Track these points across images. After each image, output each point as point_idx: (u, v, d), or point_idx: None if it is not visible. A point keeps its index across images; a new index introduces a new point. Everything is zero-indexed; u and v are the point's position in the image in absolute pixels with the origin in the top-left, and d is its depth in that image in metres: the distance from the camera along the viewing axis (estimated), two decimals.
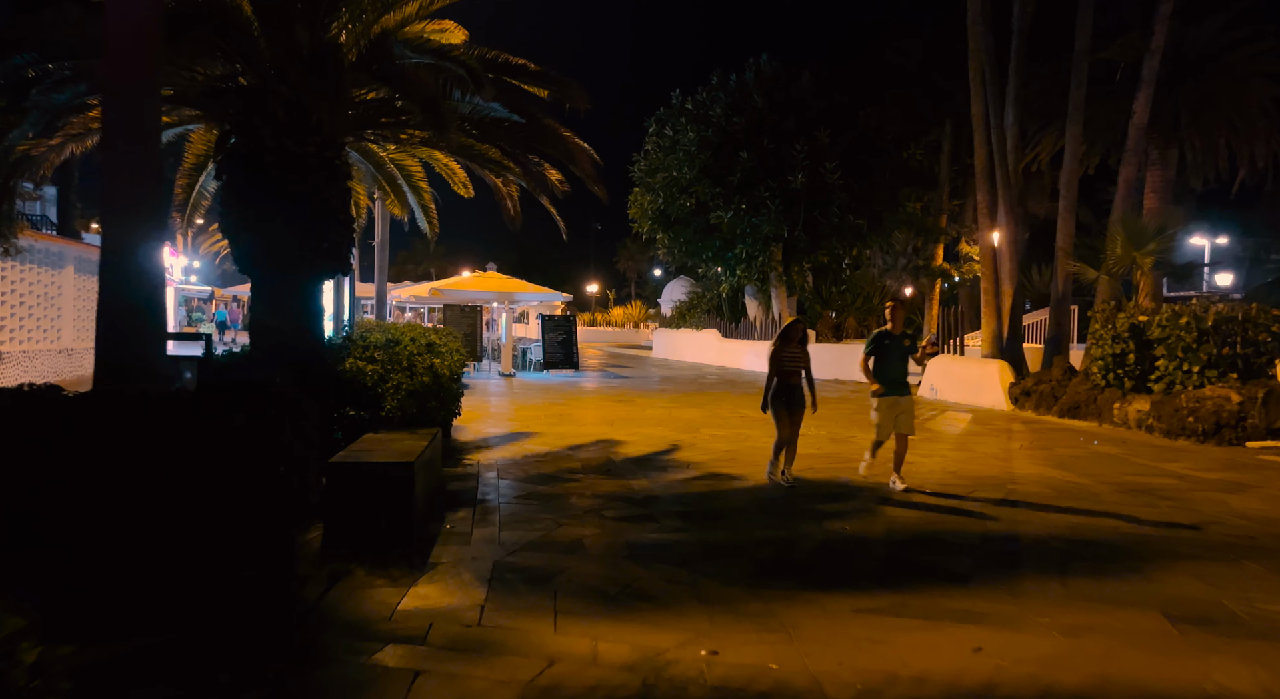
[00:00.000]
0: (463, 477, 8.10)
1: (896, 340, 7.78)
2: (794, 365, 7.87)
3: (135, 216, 4.95)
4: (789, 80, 25.29)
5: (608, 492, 7.52)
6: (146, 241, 5.07)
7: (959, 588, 4.86)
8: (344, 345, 9.38)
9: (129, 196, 4.95)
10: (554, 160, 9.83)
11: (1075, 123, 16.63)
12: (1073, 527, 6.37)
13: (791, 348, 7.88)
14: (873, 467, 8.00)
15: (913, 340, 7.94)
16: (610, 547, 5.63)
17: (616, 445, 10.25)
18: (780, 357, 7.86)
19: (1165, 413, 11.49)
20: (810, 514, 6.76)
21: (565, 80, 9.09)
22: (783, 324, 9.53)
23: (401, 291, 28.04)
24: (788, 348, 7.88)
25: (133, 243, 4.95)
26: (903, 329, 7.92)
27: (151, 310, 5.16)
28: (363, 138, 9.72)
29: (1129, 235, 13.82)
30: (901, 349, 7.79)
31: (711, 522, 6.46)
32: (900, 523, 6.47)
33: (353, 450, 6.41)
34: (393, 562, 5.15)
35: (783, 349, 7.87)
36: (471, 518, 6.38)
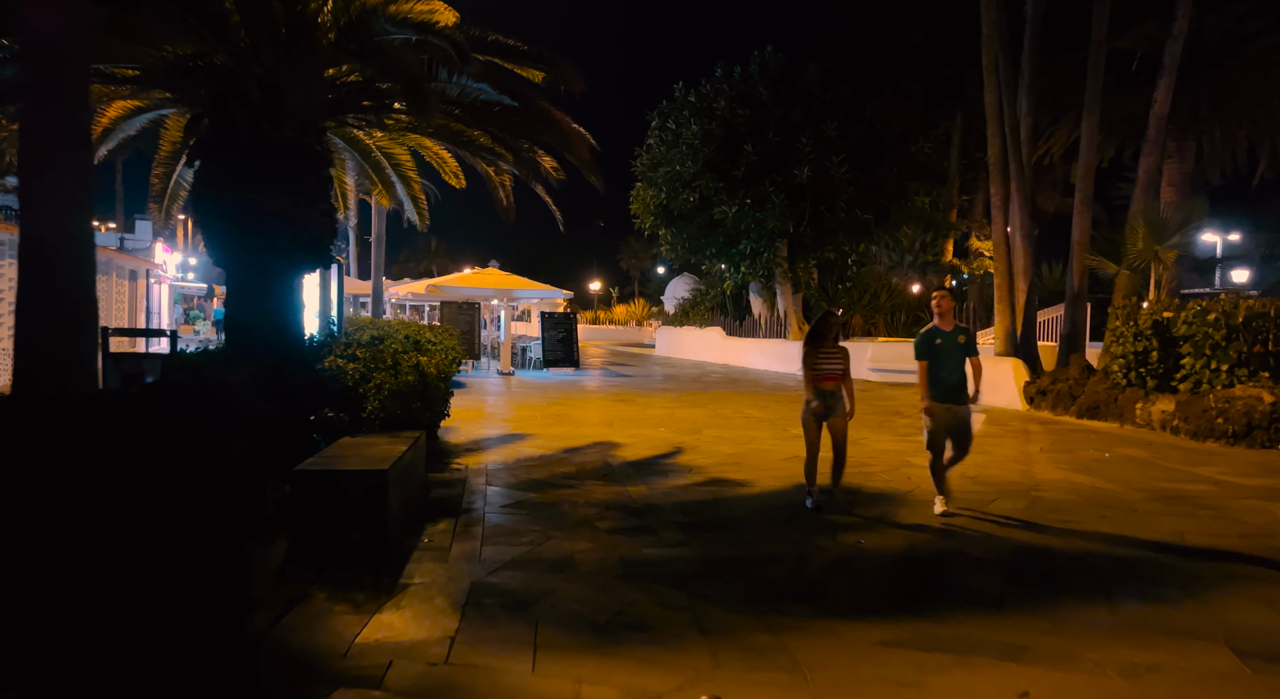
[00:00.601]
0: (448, 483, 7.57)
1: (949, 338, 6.59)
2: (830, 367, 6.72)
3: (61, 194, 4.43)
4: (795, 72, 24.69)
5: (603, 499, 6.98)
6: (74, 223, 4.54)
7: (993, 615, 4.32)
8: (325, 343, 8.86)
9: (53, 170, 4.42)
10: (548, 147, 9.30)
11: (1092, 113, 16.02)
12: (1110, 540, 5.83)
13: (826, 347, 6.75)
14: (951, 500, 6.71)
15: (969, 338, 6.68)
16: (602, 564, 5.09)
17: (615, 448, 9.72)
18: (813, 358, 6.72)
19: (1192, 414, 10.92)
20: (821, 525, 6.22)
21: (559, 60, 8.56)
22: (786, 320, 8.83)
23: (400, 288, 27.52)
24: (821, 347, 6.74)
25: (59, 225, 4.42)
26: (955, 323, 6.71)
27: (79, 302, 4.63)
28: (345, 123, 9.20)
29: (1150, 228, 13.24)
30: (956, 348, 6.57)
31: (714, 534, 5.93)
32: (920, 536, 5.92)
33: (323, 456, 5.89)
34: (359, 582, 4.62)
35: (816, 349, 6.74)
36: (453, 530, 5.85)
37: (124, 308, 20.69)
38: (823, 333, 6.80)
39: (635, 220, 27.66)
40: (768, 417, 13.05)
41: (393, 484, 5.49)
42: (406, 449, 6.33)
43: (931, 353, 6.59)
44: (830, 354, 6.75)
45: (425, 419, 8.42)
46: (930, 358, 6.59)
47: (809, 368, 6.73)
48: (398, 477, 5.75)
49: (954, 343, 6.58)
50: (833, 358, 6.75)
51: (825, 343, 6.77)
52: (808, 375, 6.72)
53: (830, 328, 6.82)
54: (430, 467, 8.13)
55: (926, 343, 6.62)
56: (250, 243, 7.97)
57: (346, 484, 5.30)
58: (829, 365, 6.73)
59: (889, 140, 24.05)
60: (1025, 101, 16.98)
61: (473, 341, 21.56)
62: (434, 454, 8.70)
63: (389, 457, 5.82)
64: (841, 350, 6.80)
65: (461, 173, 10.78)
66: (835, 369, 6.74)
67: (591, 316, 58.41)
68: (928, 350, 6.60)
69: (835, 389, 6.73)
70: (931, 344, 6.59)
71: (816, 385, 6.70)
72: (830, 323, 6.85)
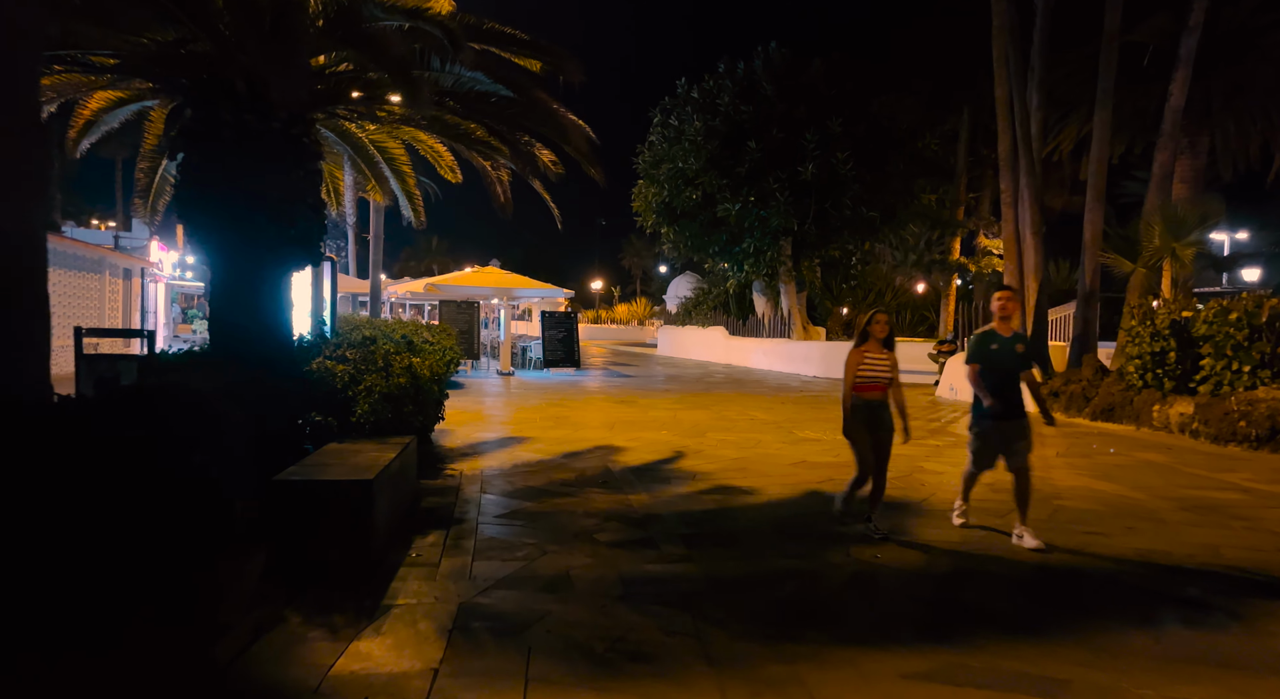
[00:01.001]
0: (441, 491, 7.23)
1: (1007, 345, 5.81)
2: (877, 374, 5.86)
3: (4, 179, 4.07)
4: (799, 68, 24.31)
5: (603, 509, 6.63)
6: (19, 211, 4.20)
7: (1025, 642, 3.97)
8: (314, 344, 8.53)
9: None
10: (546, 139, 8.96)
11: (1104, 107, 15.68)
12: (1142, 555, 5.47)
13: (873, 350, 5.88)
14: (968, 514, 6.24)
15: (1028, 345, 5.95)
16: (601, 582, 4.74)
17: (616, 452, 9.37)
18: (859, 363, 5.88)
19: (1213, 417, 10.56)
20: (833, 538, 5.87)
21: (557, 50, 8.21)
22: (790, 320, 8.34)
23: (398, 287, 27.19)
24: (869, 351, 5.90)
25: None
26: (1014, 329, 5.92)
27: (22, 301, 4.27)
28: (336, 115, 8.86)
29: (1168, 225, 12.87)
30: (1014, 356, 5.79)
31: (721, 548, 5.58)
32: (939, 550, 5.57)
33: (305, 465, 5.54)
34: (339, 604, 4.28)
35: (862, 353, 5.89)
36: (443, 543, 5.51)
37: (118, 307, 20.36)
38: (871, 334, 5.94)
39: (637, 218, 27.30)
40: (773, 419, 12.70)
41: (379, 496, 5.15)
42: (395, 456, 5.99)
43: (985, 359, 5.86)
44: (878, 360, 5.89)
45: (418, 423, 8.08)
46: (983, 364, 5.87)
47: (852, 374, 5.91)
48: (384, 487, 5.41)
49: (1011, 350, 5.82)
50: (880, 364, 5.89)
51: (873, 346, 5.93)
52: (850, 383, 5.90)
53: (879, 328, 5.92)
54: (422, 473, 7.79)
55: (981, 347, 5.89)
56: (235, 239, 7.64)
57: (327, 496, 4.96)
58: (876, 372, 5.89)
59: (895, 136, 23.66)
60: (1036, 96, 16.62)
61: (472, 341, 21.21)
62: (427, 459, 8.36)
63: (375, 465, 5.47)
64: (891, 357, 5.95)
65: (457, 167, 10.44)
66: (882, 377, 5.88)
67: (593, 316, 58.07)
68: (981, 356, 5.88)
69: (881, 400, 5.89)
70: (986, 349, 5.85)
71: (860, 395, 5.86)
72: (880, 323, 5.93)
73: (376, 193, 10.94)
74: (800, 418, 12.84)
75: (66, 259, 16.72)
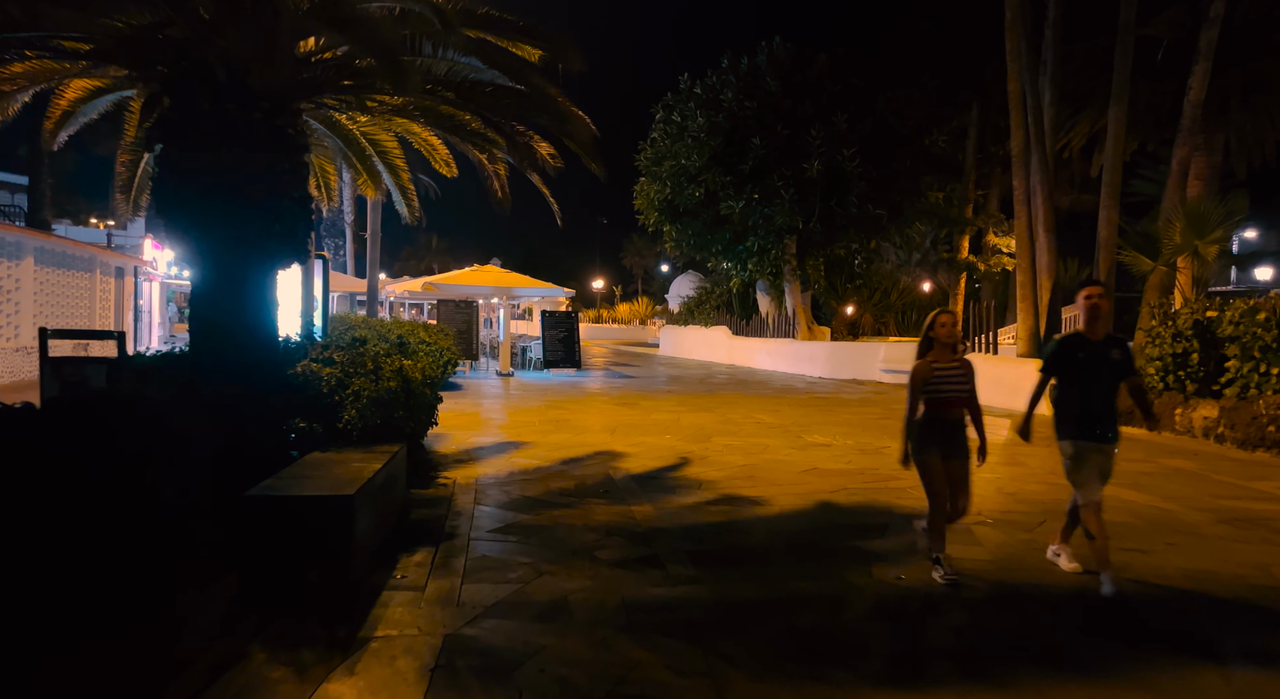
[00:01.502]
0: (432, 501, 6.82)
1: (1099, 351, 4.79)
2: (951, 389, 4.84)
3: None
4: (804, 63, 23.86)
5: (604, 522, 6.22)
6: None
7: (1074, 680, 3.55)
8: (300, 346, 8.12)
9: None
10: (545, 131, 8.53)
11: (1120, 102, 15.24)
12: (1190, 577, 5.05)
13: (943, 359, 4.89)
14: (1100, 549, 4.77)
15: (1125, 352, 4.90)
16: (602, 609, 4.33)
17: (617, 459, 8.96)
18: (927, 374, 4.86)
19: (1240, 421, 10.12)
20: (852, 555, 5.45)
21: (556, 36, 7.77)
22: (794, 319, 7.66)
23: (397, 286, 26.79)
24: (938, 361, 4.89)
25: None
26: (1108, 332, 4.91)
27: None
28: (324, 105, 8.43)
29: (1190, 222, 12.42)
30: (1109, 365, 4.79)
31: (730, 567, 5.16)
32: (968, 570, 5.14)
33: (283, 478, 5.13)
34: (311, 635, 3.86)
35: (930, 365, 4.88)
36: (430, 562, 5.09)
37: (110, 306, 19.96)
38: (936, 340, 4.91)
39: (639, 216, 26.87)
40: (780, 422, 12.27)
41: (360, 512, 4.75)
42: (381, 467, 5.58)
43: (1067, 368, 4.82)
44: (951, 370, 4.86)
45: (409, 429, 7.66)
46: (1063, 376, 4.84)
47: (920, 390, 4.86)
48: (368, 502, 5.00)
49: (1105, 358, 4.79)
50: (955, 375, 4.85)
51: (942, 353, 4.89)
52: (915, 393, 4.89)
53: (946, 331, 4.89)
54: (414, 481, 7.39)
55: (1064, 355, 4.86)
56: (216, 235, 7.23)
57: (303, 513, 4.55)
58: (952, 387, 4.82)
59: (902, 133, 23.21)
60: (1049, 91, 16.20)
61: (470, 341, 20.79)
62: (419, 466, 7.95)
63: (357, 478, 5.06)
64: (965, 364, 4.93)
65: (453, 161, 10.01)
66: (960, 391, 4.84)
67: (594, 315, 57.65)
68: (1064, 365, 4.85)
69: (959, 419, 4.86)
70: (1072, 358, 4.82)
71: (936, 414, 4.85)
72: (946, 324, 4.89)
73: (368, 187, 10.52)
74: (808, 421, 12.42)
75: (54, 257, 16.32)
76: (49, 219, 21.25)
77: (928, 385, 4.86)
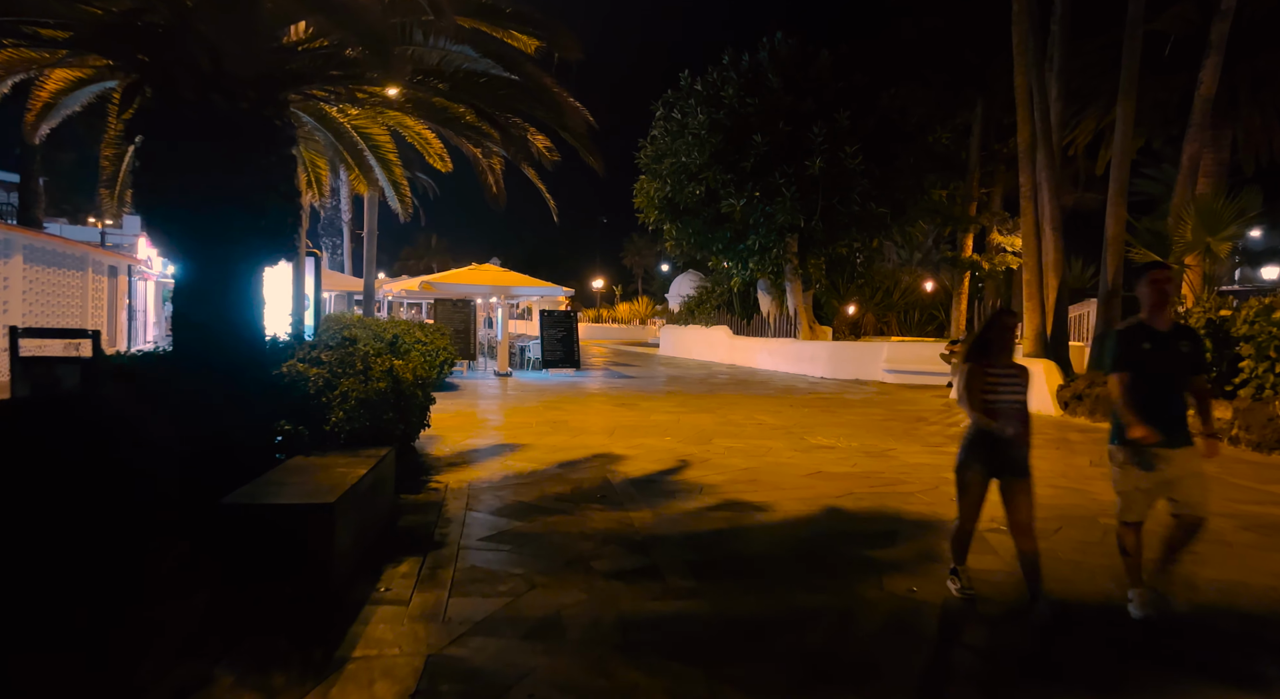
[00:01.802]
0: (422, 507, 6.55)
1: (1166, 343, 4.19)
2: (1005, 398, 4.32)
3: None
4: (806, 59, 23.59)
5: (601, 529, 5.95)
6: None
7: None
8: (288, 345, 7.86)
9: None
10: (541, 124, 8.25)
11: (1128, 97, 14.96)
12: (1220, 589, 4.78)
13: (999, 365, 4.37)
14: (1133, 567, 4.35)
15: (1196, 343, 4.31)
16: (597, 626, 4.06)
17: (615, 461, 8.69)
18: (980, 379, 4.35)
19: (1255, 422, 9.85)
20: (862, 565, 5.18)
21: (552, 24, 7.51)
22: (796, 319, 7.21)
23: (394, 285, 26.52)
24: (994, 362, 4.38)
25: None
26: (1175, 320, 4.33)
27: None
28: (312, 96, 8.16)
29: (1202, 218, 12.16)
30: (1180, 359, 4.20)
31: (733, 578, 4.89)
32: (985, 584, 4.87)
33: (262, 484, 4.87)
34: (285, 655, 3.60)
35: (984, 371, 4.37)
36: (417, 574, 4.82)
37: (103, 305, 19.70)
38: (993, 340, 4.39)
39: (639, 215, 26.60)
40: (782, 423, 12.01)
41: (341, 521, 4.48)
42: (367, 472, 5.31)
43: (1135, 362, 4.17)
44: (1008, 377, 4.35)
45: (399, 432, 7.40)
46: (1132, 371, 4.17)
47: (974, 397, 4.34)
48: (351, 509, 4.74)
49: (1174, 350, 4.19)
50: (1012, 382, 4.35)
51: (998, 356, 4.37)
52: (971, 399, 4.37)
53: (1005, 333, 4.37)
54: (404, 486, 7.12)
55: (1128, 346, 4.21)
56: (199, 230, 6.95)
57: (280, 523, 4.28)
58: (1009, 396, 4.32)
59: (905, 130, 22.94)
60: (1055, 86, 15.93)
61: (468, 341, 20.52)
62: (410, 470, 7.68)
63: (339, 485, 4.80)
64: (1022, 371, 4.42)
65: (447, 155, 9.73)
66: (1016, 401, 4.34)
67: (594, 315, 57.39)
68: (1129, 357, 4.18)
69: (1016, 432, 4.30)
70: (1136, 348, 4.18)
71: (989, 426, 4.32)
72: (1008, 325, 4.38)
73: (360, 182, 10.25)
74: (810, 423, 12.15)
75: (44, 256, 16.05)
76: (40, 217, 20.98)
77: (985, 391, 4.33)
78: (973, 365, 4.40)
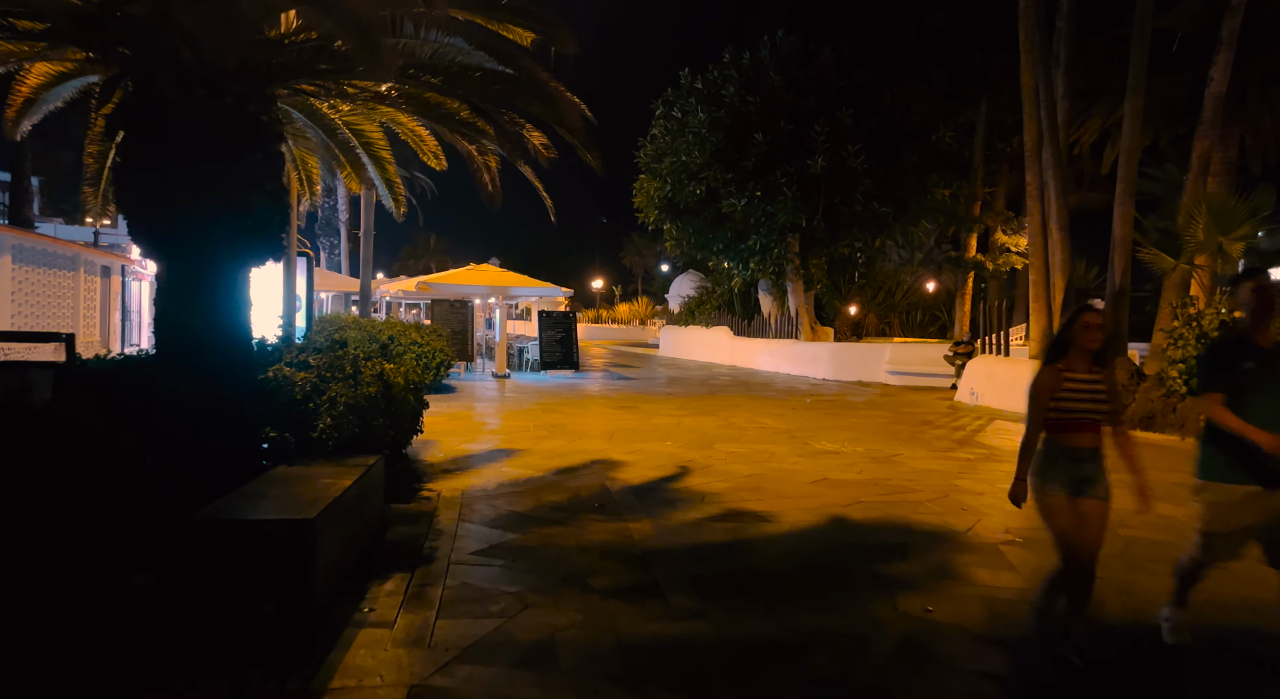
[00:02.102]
0: (412, 518, 6.29)
1: (1272, 361, 3.66)
2: (1085, 407, 3.67)
3: None
4: (808, 57, 23.33)
5: (599, 542, 5.70)
6: None
7: None
8: (276, 348, 7.61)
9: None
10: (536, 120, 8.00)
11: (1136, 95, 14.69)
12: (1253, 609, 4.51)
13: (1079, 369, 3.71)
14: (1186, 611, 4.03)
15: None
16: (594, 652, 3.80)
17: (615, 468, 8.43)
18: (1055, 389, 3.69)
19: None
20: (873, 582, 4.93)
21: (548, 16, 7.25)
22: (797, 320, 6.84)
23: (391, 286, 26.27)
24: (1072, 371, 3.71)
25: None
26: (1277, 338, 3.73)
27: None
28: (300, 91, 7.90)
29: (1214, 217, 11.89)
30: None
31: (738, 597, 4.63)
32: (1004, 603, 4.61)
33: (239, 497, 4.61)
34: (258, 687, 3.34)
35: (1059, 374, 3.71)
36: (404, 592, 4.57)
37: (95, 306, 19.43)
38: (1075, 343, 3.71)
39: (639, 215, 26.34)
40: (785, 427, 11.75)
41: (322, 537, 4.22)
42: (352, 484, 5.06)
43: (1237, 383, 3.63)
44: (1088, 383, 3.68)
45: (390, 438, 7.15)
46: (1233, 393, 3.62)
47: (1043, 407, 3.71)
48: (335, 523, 4.48)
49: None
50: (1091, 391, 3.68)
51: (1079, 362, 3.71)
52: (1037, 412, 3.73)
53: (1089, 336, 3.68)
54: (394, 494, 6.86)
55: (1227, 363, 3.69)
56: (182, 229, 6.70)
57: (256, 541, 4.02)
58: (1087, 405, 3.67)
59: (908, 129, 22.67)
60: (1062, 84, 15.66)
61: (465, 342, 20.26)
62: (402, 477, 7.43)
63: (322, 497, 4.54)
64: (1109, 377, 3.78)
65: (441, 153, 9.48)
66: (1094, 412, 3.68)
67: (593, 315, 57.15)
68: (1229, 378, 3.66)
69: (1094, 448, 3.69)
70: (1234, 364, 3.67)
71: (1059, 439, 3.70)
72: (1089, 326, 3.69)
73: (352, 180, 9.98)
74: (814, 426, 11.89)
75: (34, 256, 15.79)
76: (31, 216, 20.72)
77: (1055, 400, 3.69)
78: (1046, 368, 3.76)
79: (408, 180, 24.77)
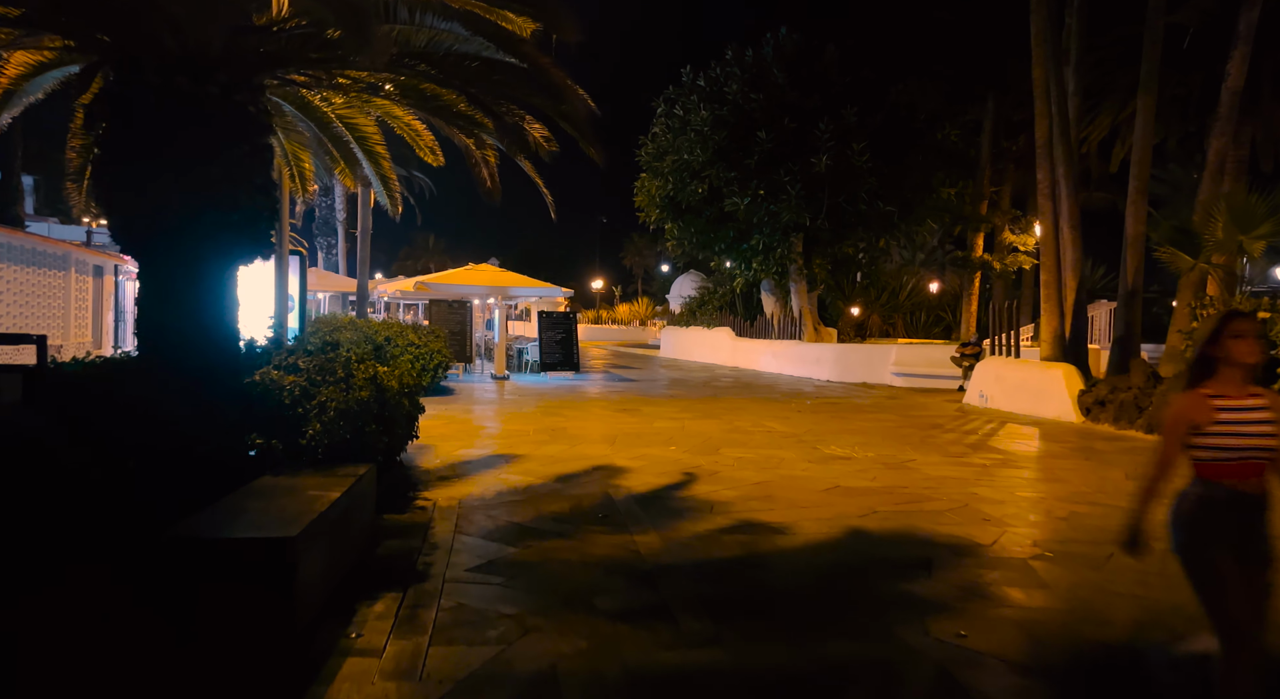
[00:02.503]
0: (406, 529, 5.96)
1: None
2: (1252, 443, 2.88)
3: None
4: (812, 54, 22.99)
5: (603, 556, 5.37)
6: None
7: None
8: (265, 350, 7.27)
9: None
10: (538, 112, 7.68)
11: (1149, 92, 14.38)
12: None
13: (1233, 394, 2.91)
14: None
15: None
16: (599, 685, 3.47)
17: (618, 474, 8.10)
18: (1203, 418, 2.89)
19: None
20: (899, 602, 4.59)
21: (549, 3, 6.92)
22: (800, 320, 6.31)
23: (389, 286, 25.94)
24: (1225, 397, 2.91)
25: None
26: None
27: None
28: (290, 81, 7.58)
29: (1233, 215, 11.57)
30: None
31: (755, 621, 4.30)
32: (1039, 625, 4.28)
33: (217, 510, 4.28)
34: None
35: (1209, 403, 2.90)
36: (395, 614, 4.23)
37: (87, 306, 19.10)
38: (1227, 360, 2.91)
39: (639, 214, 25.99)
40: (793, 431, 11.41)
41: (307, 556, 3.89)
42: (340, 496, 4.73)
43: None
44: (1251, 411, 2.89)
45: (383, 445, 6.80)
46: None
47: (1176, 441, 2.97)
48: (320, 540, 4.15)
49: None
50: (1257, 420, 2.88)
51: (1232, 384, 2.92)
52: (1171, 449, 2.98)
53: (1247, 349, 2.89)
54: (388, 504, 6.53)
55: None
56: (164, 226, 6.38)
57: (229, 562, 3.69)
58: (1254, 440, 2.88)
59: (914, 127, 22.34)
60: (1073, 80, 15.36)
61: (464, 343, 19.91)
62: (396, 485, 7.09)
63: (307, 512, 4.21)
64: (1272, 399, 2.94)
65: (438, 147, 9.16)
66: (1264, 448, 2.89)
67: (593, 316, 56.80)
68: None
69: (1260, 494, 2.93)
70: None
71: (1220, 486, 2.92)
72: (1243, 337, 2.90)
73: (346, 176, 9.68)
74: (823, 430, 11.56)
75: (22, 255, 15.46)
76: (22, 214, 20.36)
77: (1204, 436, 2.89)
78: (1188, 396, 2.96)
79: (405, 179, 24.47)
